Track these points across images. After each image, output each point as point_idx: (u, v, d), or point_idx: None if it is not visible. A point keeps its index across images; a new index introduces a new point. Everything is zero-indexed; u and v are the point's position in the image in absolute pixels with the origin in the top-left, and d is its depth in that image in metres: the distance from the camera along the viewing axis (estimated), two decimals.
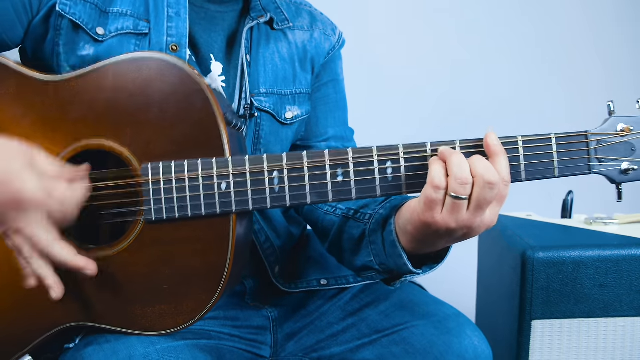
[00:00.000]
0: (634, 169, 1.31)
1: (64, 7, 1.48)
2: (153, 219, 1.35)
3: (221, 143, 1.35)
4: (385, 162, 1.32)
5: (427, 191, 1.25)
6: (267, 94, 1.68)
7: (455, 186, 1.23)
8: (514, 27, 3.63)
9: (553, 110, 3.60)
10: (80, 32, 1.50)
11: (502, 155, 1.27)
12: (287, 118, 1.71)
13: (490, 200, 1.24)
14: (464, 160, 1.24)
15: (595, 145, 1.32)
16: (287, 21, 1.75)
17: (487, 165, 1.23)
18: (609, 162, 1.32)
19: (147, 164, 1.35)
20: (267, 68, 1.69)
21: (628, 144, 1.32)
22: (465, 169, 1.23)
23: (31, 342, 1.40)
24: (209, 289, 1.36)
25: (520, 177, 1.31)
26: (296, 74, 1.75)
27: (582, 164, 1.32)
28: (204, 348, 1.44)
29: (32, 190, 1.20)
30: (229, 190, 1.34)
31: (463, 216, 1.25)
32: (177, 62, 1.36)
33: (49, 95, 1.38)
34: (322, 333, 1.64)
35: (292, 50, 1.75)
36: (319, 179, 1.33)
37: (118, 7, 1.53)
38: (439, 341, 1.49)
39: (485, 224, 1.28)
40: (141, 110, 1.36)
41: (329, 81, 1.84)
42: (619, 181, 1.33)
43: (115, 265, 1.37)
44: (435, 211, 1.25)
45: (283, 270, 1.74)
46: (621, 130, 1.31)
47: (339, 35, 1.86)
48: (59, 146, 1.37)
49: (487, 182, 1.22)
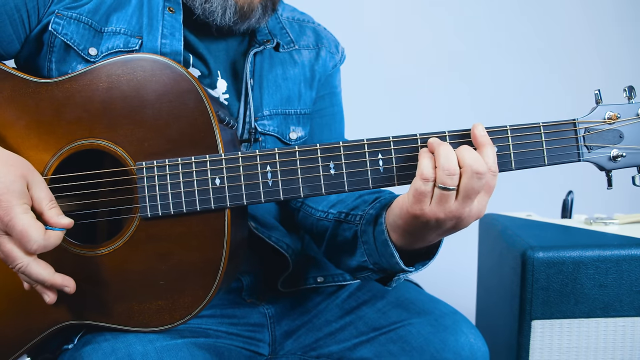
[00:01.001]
0: (622, 156, 1.32)
1: (56, 27, 1.50)
2: (149, 216, 1.37)
3: (215, 141, 1.37)
4: (377, 153, 1.33)
5: (416, 183, 1.27)
6: (272, 116, 1.69)
7: (443, 177, 1.24)
8: (512, 25, 3.64)
9: (552, 107, 3.58)
10: (71, 52, 1.51)
11: (489, 145, 1.28)
12: (292, 139, 1.72)
13: (477, 190, 1.25)
14: (451, 151, 1.25)
15: (584, 133, 1.33)
16: (292, 43, 1.77)
17: (475, 156, 1.24)
18: (598, 150, 1.33)
19: (142, 162, 1.37)
20: (271, 90, 1.70)
21: (616, 131, 1.33)
22: (452, 160, 1.24)
23: (29, 342, 1.41)
24: (205, 284, 1.37)
25: (510, 166, 1.32)
26: (301, 94, 1.76)
27: (572, 152, 1.33)
28: (202, 346, 1.44)
29: None
30: (223, 185, 1.35)
31: (451, 206, 1.26)
32: (169, 62, 1.38)
33: (43, 98, 1.40)
34: (320, 331, 1.65)
35: (297, 70, 1.76)
36: (312, 172, 1.35)
37: (113, 26, 1.55)
38: (436, 339, 1.49)
39: (474, 214, 1.29)
40: (135, 110, 1.38)
41: (325, 94, 1.85)
42: (608, 168, 1.34)
43: (112, 262, 1.39)
44: (424, 203, 1.26)
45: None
46: (609, 118, 1.32)
47: (341, 53, 1.88)
48: (54, 147, 1.39)
49: (474, 171, 1.23)
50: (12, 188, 1.23)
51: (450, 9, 3.61)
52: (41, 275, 1.28)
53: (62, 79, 1.41)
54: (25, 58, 1.56)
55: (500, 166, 1.31)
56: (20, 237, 1.23)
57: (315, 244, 1.75)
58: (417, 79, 3.59)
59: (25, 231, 1.22)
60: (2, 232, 1.24)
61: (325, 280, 1.72)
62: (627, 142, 1.33)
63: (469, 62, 3.61)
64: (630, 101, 1.34)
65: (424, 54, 3.61)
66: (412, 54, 3.60)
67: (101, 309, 1.40)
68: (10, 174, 1.25)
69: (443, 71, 3.62)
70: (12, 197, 1.23)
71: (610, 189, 1.36)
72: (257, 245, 1.65)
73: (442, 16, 3.62)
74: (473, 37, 3.61)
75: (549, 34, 3.65)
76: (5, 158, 1.28)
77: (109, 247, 1.39)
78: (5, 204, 1.22)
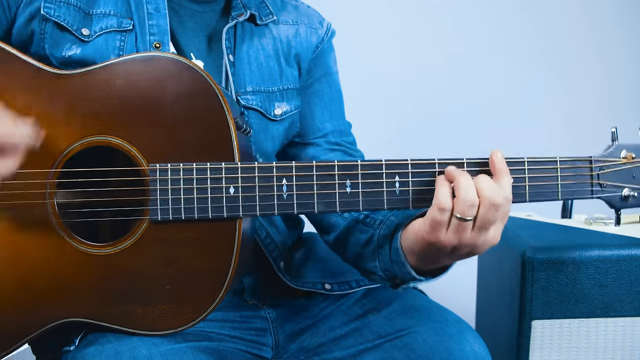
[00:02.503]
0: (633, 196, 1.34)
1: (48, 10, 1.50)
2: (159, 219, 1.36)
3: (231, 147, 1.36)
4: (394, 175, 1.34)
5: (432, 212, 1.28)
6: (254, 92, 1.67)
7: (462, 208, 1.25)
8: (512, 25, 3.61)
9: (551, 109, 3.59)
10: (65, 33, 1.51)
11: (506, 174, 1.29)
12: (277, 114, 1.70)
13: (494, 220, 1.27)
14: (471, 183, 1.26)
15: (599, 171, 1.34)
16: (271, 15, 1.73)
17: (493, 186, 1.26)
18: (611, 188, 1.34)
19: (156, 164, 1.36)
20: (252, 67, 1.68)
21: (630, 171, 1.34)
22: (472, 192, 1.25)
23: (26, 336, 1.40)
24: (212, 291, 1.37)
25: (524, 198, 1.34)
26: (282, 69, 1.73)
27: (586, 189, 1.35)
28: (206, 350, 1.44)
29: None
30: (237, 195, 1.35)
31: (467, 236, 1.27)
32: (190, 64, 1.37)
33: (60, 89, 1.39)
34: (325, 336, 1.66)
35: (276, 46, 1.73)
36: (328, 189, 1.35)
37: (101, 9, 1.54)
38: (441, 347, 1.50)
39: (489, 242, 1.31)
40: (152, 110, 1.37)
41: (321, 76, 1.83)
42: (619, 207, 1.36)
43: (118, 262, 1.38)
44: (440, 232, 1.28)
45: (287, 266, 1.75)
46: (624, 157, 1.33)
47: (327, 27, 1.84)
48: (66, 140, 1.38)
49: (492, 203, 1.24)
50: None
51: (450, 9, 3.58)
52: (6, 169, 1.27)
53: (79, 71, 1.39)
54: (20, 49, 1.51)
55: (514, 197, 1.32)
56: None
57: (320, 232, 1.77)
58: (416, 79, 3.57)
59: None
60: None
61: (332, 288, 1.73)
62: (639, 182, 1.34)
63: (469, 62, 3.59)
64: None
65: (424, 53, 3.59)
66: (412, 54, 3.58)
67: (104, 308, 1.39)
68: None
69: (443, 71, 3.60)
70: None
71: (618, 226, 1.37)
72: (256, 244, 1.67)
73: (442, 16, 3.59)
74: (473, 37, 3.58)
75: (549, 33, 3.63)
76: None
77: (116, 247, 1.37)
78: None
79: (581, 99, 3.57)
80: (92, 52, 1.50)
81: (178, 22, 1.62)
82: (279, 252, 1.72)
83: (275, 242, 1.72)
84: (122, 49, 1.52)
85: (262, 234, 1.69)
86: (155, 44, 1.54)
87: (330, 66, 1.86)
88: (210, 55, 1.66)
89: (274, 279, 1.72)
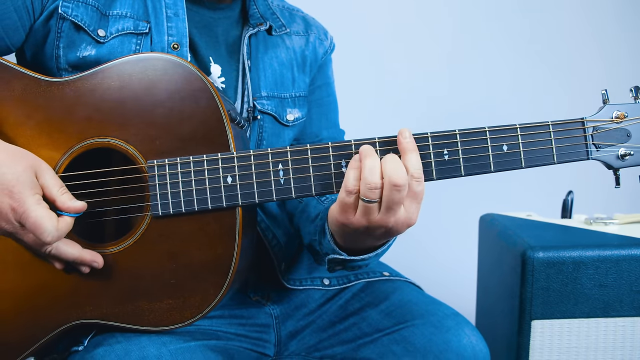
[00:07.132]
0: (630, 154, 1.35)
1: (66, 10, 1.51)
2: (160, 214, 1.37)
3: (226, 140, 1.38)
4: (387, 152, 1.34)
5: (341, 195, 1.31)
6: (269, 97, 1.71)
7: (365, 191, 1.27)
8: (512, 24, 3.65)
9: (551, 107, 3.60)
10: (81, 33, 1.52)
11: (413, 151, 1.30)
12: (289, 120, 1.75)
13: (398, 201, 1.27)
14: (376, 164, 1.27)
15: (592, 132, 1.35)
16: (284, 27, 1.80)
17: (395, 167, 1.27)
18: (606, 148, 1.35)
19: (153, 160, 1.37)
20: (267, 73, 1.73)
21: (623, 130, 1.35)
22: (375, 173, 1.26)
23: (36, 342, 1.40)
24: (217, 282, 1.37)
25: (520, 164, 1.34)
26: (295, 77, 1.79)
27: (581, 150, 1.36)
28: (214, 349, 1.44)
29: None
30: (235, 183, 1.36)
31: (376, 217, 1.29)
32: (182, 61, 1.39)
33: (54, 97, 1.40)
34: (324, 332, 1.67)
35: (290, 55, 1.79)
36: (323, 170, 1.36)
37: (118, 10, 1.56)
38: (438, 340, 1.51)
39: (402, 222, 1.31)
40: (147, 109, 1.38)
41: (322, 84, 1.89)
42: (616, 166, 1.36)
43: (122, 261, 1.39)
44: (349, 214, 1.31)
45: (288, 268, 1.76)
46: (616, 117, 1.35)
47: (330, 40, 1.92)
48: (64, 146, 1.39)
49: (393, 184, 1.25)
50: (22, 179, 1.24)
51: (451, 9, 3.62)
52: (71, 254, 1.31)
53: (73, 77, 1.41)
54: (31, 49, 1.56)
55: (511, 164, 1.33)
56: (33, 230, 1.23)
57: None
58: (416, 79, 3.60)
59: (38, 223, 1.23)
60: (18, 224, 1.25)
61: (331, 283, 1.75)
62: (635, 140, 1.35)
63: (468, 62, 3.63)
64: (636, 101, 1.37)
65: (423, 53, 3.62)
66: (411, 53, 3.61)
67: (111, 307, 1.39)
68: (19, 166, 1.26)
69: (442, 71, 3.63)
70: (24, 188, 1.24)
71: (618, 187, 1.38)
72: (259, 239, 1.68)
73: (442, 15, 3.63)
74: (472, 36, 3.63)
75: (549, 33, 3.66)
76: (12, 152, 1.29)
77: (120, 246, 1.39)
78: (17, 195, 1.23)
79: (581, 99, 3.57)
80: (107, 53, 1.52)
81: (195, 28, 1.65)
82: (282, 254, 1.74)
83: (281, 244, 1.74)
84: (137, 52, 1.54)
85: (269, 235, 1.71)
86: (173, 44, 1.56)
87: (329, 76, 1.93)
88: (227, 60, 1.69)
89: (275, 277, 1.73)
